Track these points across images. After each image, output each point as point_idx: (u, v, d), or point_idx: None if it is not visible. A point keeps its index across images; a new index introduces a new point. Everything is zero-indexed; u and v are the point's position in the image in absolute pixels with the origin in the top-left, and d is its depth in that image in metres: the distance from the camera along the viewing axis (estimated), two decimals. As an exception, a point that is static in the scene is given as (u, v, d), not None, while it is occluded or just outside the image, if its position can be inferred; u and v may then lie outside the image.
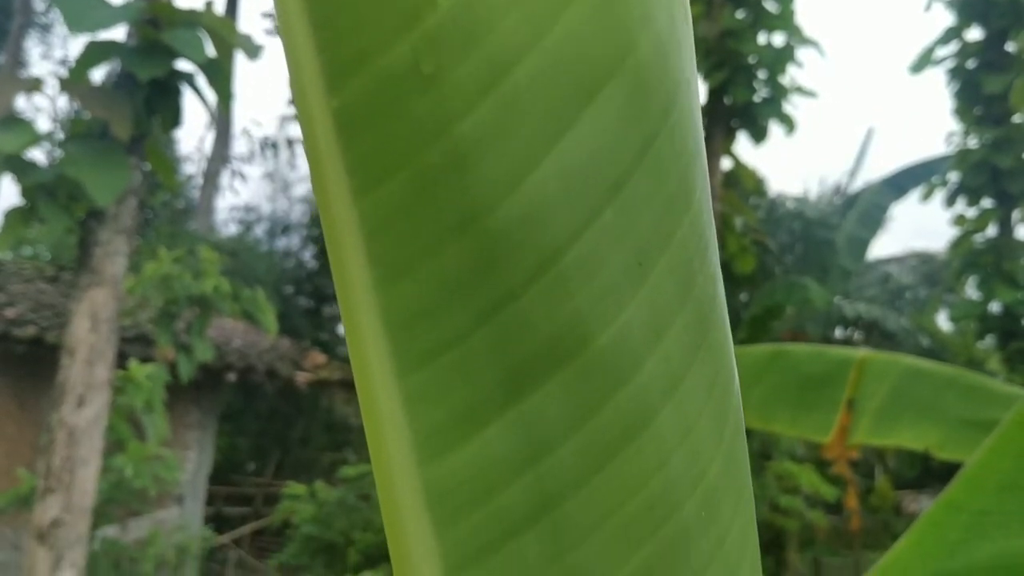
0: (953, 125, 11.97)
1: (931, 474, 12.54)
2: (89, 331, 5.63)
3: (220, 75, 5.79)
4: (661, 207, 0.43)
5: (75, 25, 5.05)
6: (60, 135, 5.87)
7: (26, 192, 5.56)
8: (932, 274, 16.06)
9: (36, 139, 5.50)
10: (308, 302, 14.16)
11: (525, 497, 0.42)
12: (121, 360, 6.47)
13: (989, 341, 11.71)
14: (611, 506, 0.42)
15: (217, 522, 10.08)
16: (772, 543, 9.77)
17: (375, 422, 0.44)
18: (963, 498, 1.30)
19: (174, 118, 5.90)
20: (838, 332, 13.22)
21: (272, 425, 12.96)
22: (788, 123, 9.61)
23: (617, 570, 0.43)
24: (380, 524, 7.44)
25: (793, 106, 9.76)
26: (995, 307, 11.20)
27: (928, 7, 11.28)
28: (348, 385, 10.45)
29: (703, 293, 0.45)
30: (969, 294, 11.83)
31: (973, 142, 10.99)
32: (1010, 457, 1.35)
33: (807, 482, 9.22)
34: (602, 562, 0.43)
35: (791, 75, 9.70)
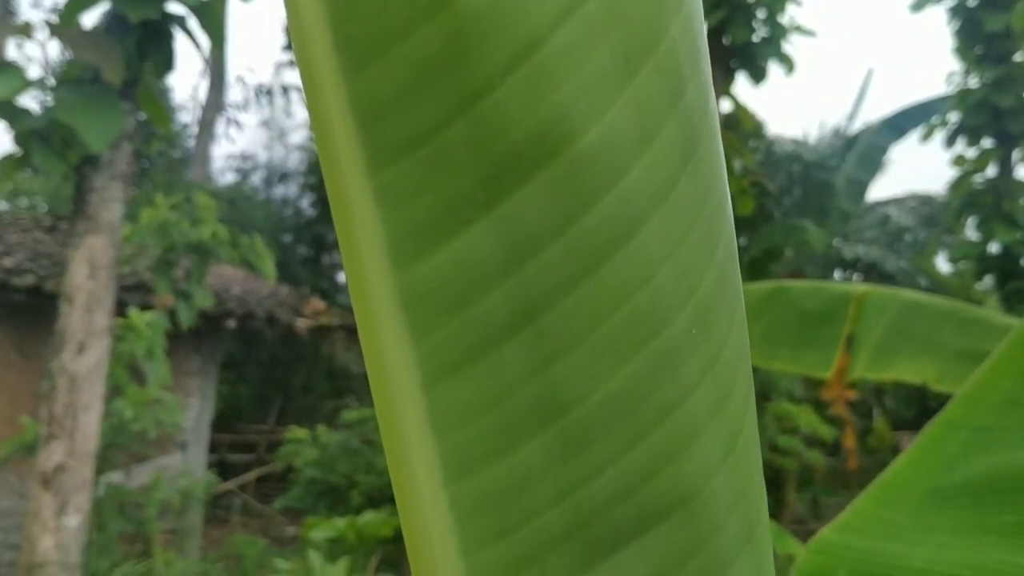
0: (954, 65, 11.86)
1: (929, 414, 12.62)
2: (87, 278, 5.62)
3: (212, 17, 5.71)
4: (650, 5, 0.41)
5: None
6: (51, 82, 5.79)
7: (19, 139, 5.52)
8: (931, 216, 16.02)
9: (27, 85, 5.44)
10: (307, 250, 14.14)
11: (506, 304, 0.41)
12: (120, 308, 6.48)
13: (987, 282, 11.73)
14: (596, 317, 0.41)
15: (221, 469, 10.17)
16: (771, 482, 9.82)
17: (345, 222, 0.42)
18: (962, 416, 1.30)
19: (166, 62, 5.83)
20: (837, 274, 13.24)
21: (274, 373, 13.02)
22: (787, 63, 9.51)
23: (602, 384, 0.41)
24: (382, 467, 7.52)
25: (792, 46, 9.66)
26: (994, 248, 11.20)
27: (930, -56, 11.10)
28: (349, 331, 10.49)
29: (694, 103, 0.43)
30: (968, 235, 11.82)
31: (973, 81, 10.90)
32: (1011, 376, 1.35)
33: (805, 423, 9.30)
34: (587, 375, 0.41)
35: (790, 14, 9.58)
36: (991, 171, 11.18)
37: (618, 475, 0.41)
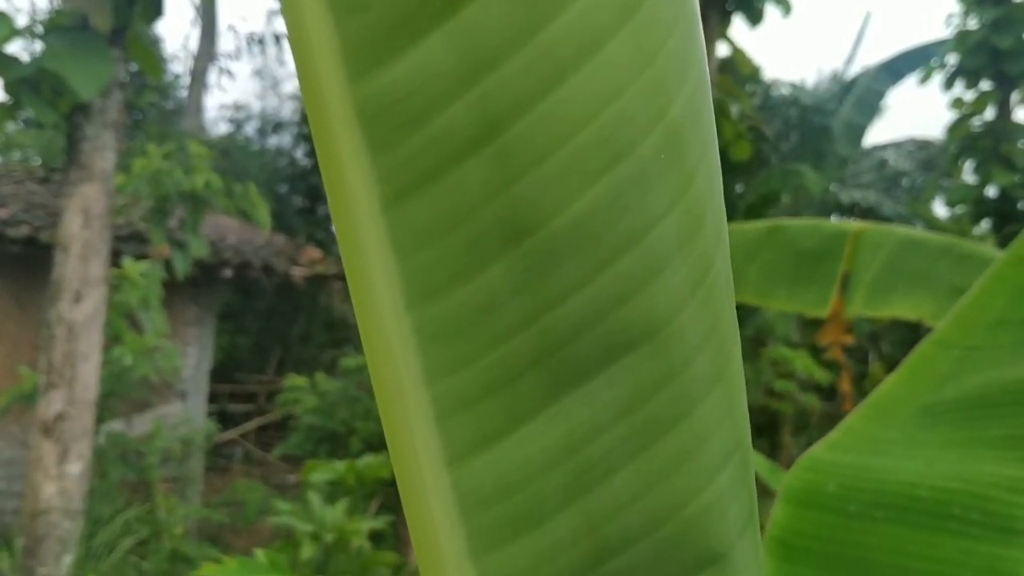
0: (953, 6, 11.73)
1: (924, 358, 12.65)
2: (82, 227, 5.61)
3: (201, -39, 5.63)
4: None
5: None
6: (40, 29, 5.72)
7: (9, 87, 5.47)
8: (929, 160, 15.95)
9: (14, 33, 5.38)
10: (302, 201, 14.07)
11: (466, 119, 0.40)
12: (116, 259, 6.47)
13: (984, 225, 11.72)
14: (560, 135, 0.40)
15: (221, 419, 10.23)
16: (766, 427, 9.96)
17: (299, 32, 0.41)
18: (953, 335, 1.30)
19: (155, 8, 5.76)
20: (834, 219, 13.21)
21: (272, 323, 13.04)
22: (784, 5, 9.42)
23: (567, 206, 0.40)
24: (381, 414, 7.54)
25: (790, -13, 9.53)
26: (991, 191, 11.18)
27: None
28: (344, 279, 10.48)
29: None
30: (965, 179, 11.79)
31: (972, 23, 10.79)
32: (1003, 295, 1.35)
33: (802, 367, 9.34)
34: (551, 196, 0.40)
35: (788, -46, 9.45)
36: (989, 114, 11.12)
37: (585, 302, 0.40)
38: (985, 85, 10.99)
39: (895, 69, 12.10)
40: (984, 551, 0.97)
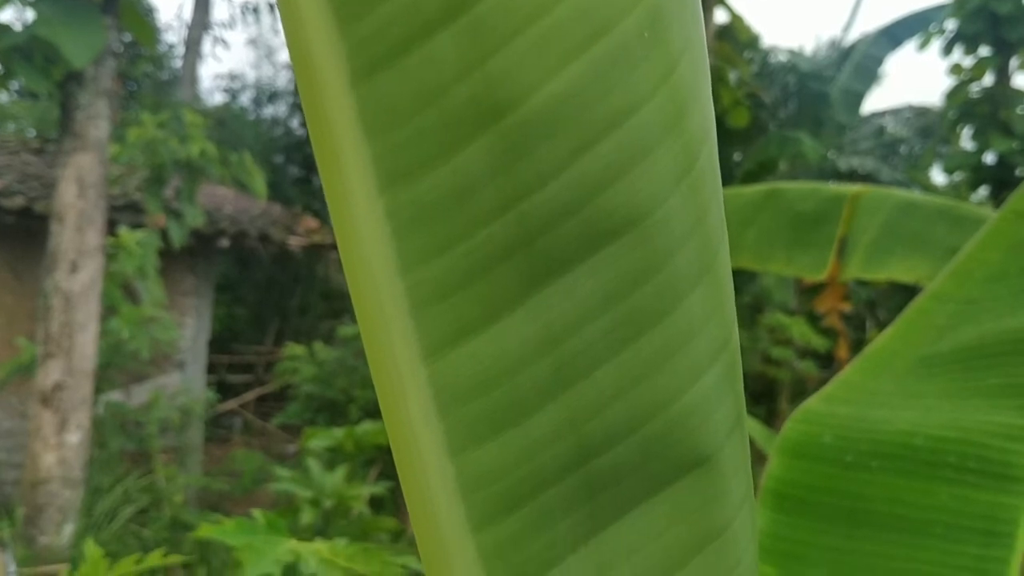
0: (952, -30, 11.62)
1: (921, 325, 12.67)
2: (77, 196, 5.59)
3: (193, -73, 5.57)
4: None
5: None
6: (31, -2, 5.66)
7: (1, 56, 5.43)
8: (927, 127, 15.88)
9: (5, 1, 5.34)
10: (298, 171, 14.03)
11: None
12: (112, 229, 6.45)
13: (982, 192, 11.69)
14: (538, 6, 0.38)
15: (220, 390, 10.25)
16: (764, 393, 10.00)
17: None
18: (950, 289, 1.30)
19: (148, -26, 5.71)
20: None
21: (270, 294, 13.04)
22: (783, -30, 9.34)
23: (545, 84, 0.38)
24: (379, 382, 7.54)
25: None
26: (989, 158, 11.13)
27: None
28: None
29: None
30: (964, 145, 11.75)
31: (972, -13, 10.71)
32: (1000, 249, 1.34)
33: (799, 334, 9.35)
34: (528, 73, 0.38)
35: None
36: (988, 80, 11.06)
37: (564, 186, 0.39)
38: (984, 51, 10.92)
39: (894, 35, 12.03)
40: (980, 498, 0.97)
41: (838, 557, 1.02)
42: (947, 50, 11.11)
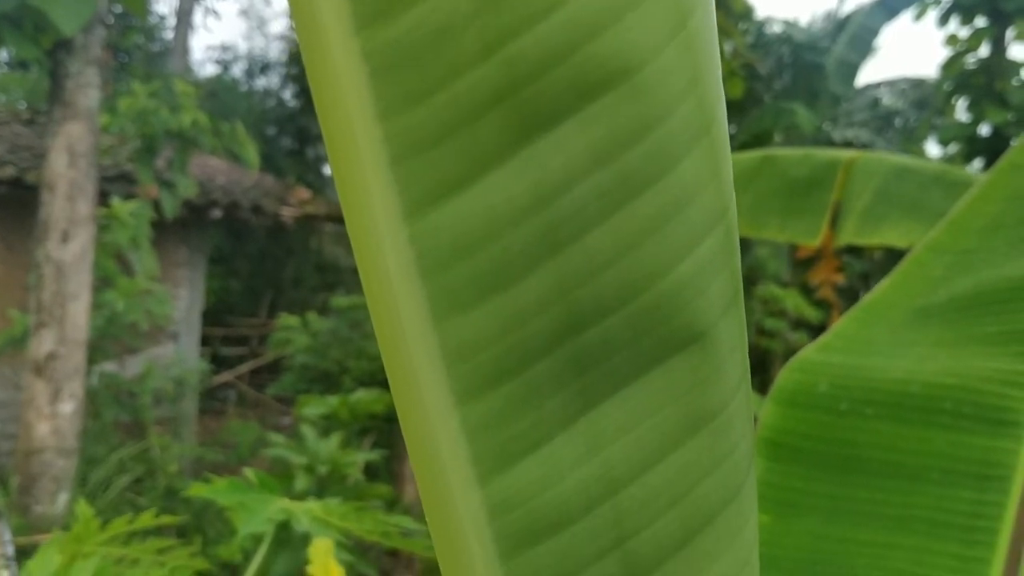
0: (949, -60, 11.54)
1: (915, 297, 12.69)
2: (67, 166, 5.55)
3: None
4: None
5: None
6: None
7: (-10, 23, 5.37)
8: (923, 99, 15.84)
9: (-6, -34, 5.28)
10: (291, 143, 13.96)
11: None
12: (104, 200, 6.41)
13: (977, 164, 11.68)
14: None
15: (214, 362, 10.25)
16: (757, 365, 10.03)
17: None
18: (946, 241, 1.29)
19: (137, -60, 5.65)
20: (826, 158, 13.12)
21: (263, 267, 13.01)
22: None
23: None
24: (374, 352, 7.58)
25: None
26: (984, 129, 11.11)
27: None
28: (336, 221, 10.44)
29: None
30: (959, 117, 11.72)
31: (968, -42, 10.65)
32: (997, 201, 1.33)
33: (792, 305, 9.37)
34: None
35: None
36: (984, 51, 11.01)
37: (553, 29, 0.36)
38: (980, 22, 10.87)
39: (889, 6, 11.96)
40: (975, 443, 0.97)
41: (832, 504, 1.01)
42: (943, 21, 11.05)
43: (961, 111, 11.51)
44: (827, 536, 1.00)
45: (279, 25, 16.44)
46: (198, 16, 17.54)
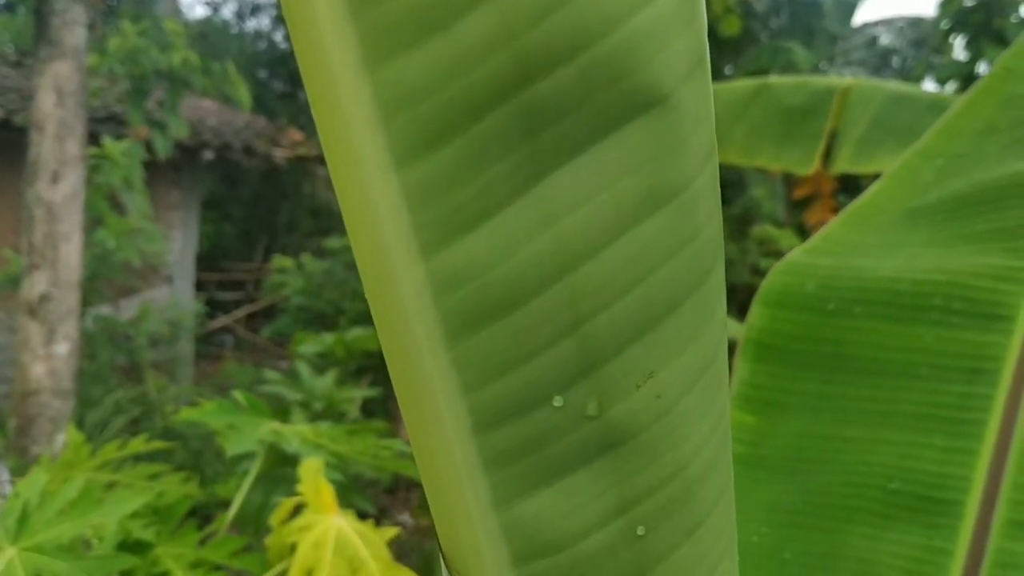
0: None
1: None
2: (55, 105, 5.49)
3: None
4: None
5: None
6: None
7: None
8: (920, 38, 15.67)
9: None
10: (283, 86, 13.80)
11: None
12: (94, 142, 6.35)
13: (975, 103, 11.58)
14: None
15: (210, 307, 10.24)
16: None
17: None
18: (938, 145, 1.27)
19: None
20: (823, 98, 13.02)
21: (257, 211, 12.95)
22: None
23: None
24: (368, 294, 7.54)
25: None
26: (982, 68, 11.00)
27: None
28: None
29: None
30: (956, 56, 11.60)
31: None
32: (989, 106, 1.31)
33: (788, 245, 9.35)
34: None
35: None
36: (983, -13, 10.87)
37: None
38: (979, -43, 10.72)
39: (889, -59, 11.80)
40: (965, 338, 0.96)
41: (818, 403, 1.01)
42: (942, -44, 10.90)
43: (959, 50, 11.39)
44: (812, 434, 0.99)
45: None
46: (187, -43, 17.25)
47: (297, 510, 1.96)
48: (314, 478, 1.89)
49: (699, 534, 0.42)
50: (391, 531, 2.00)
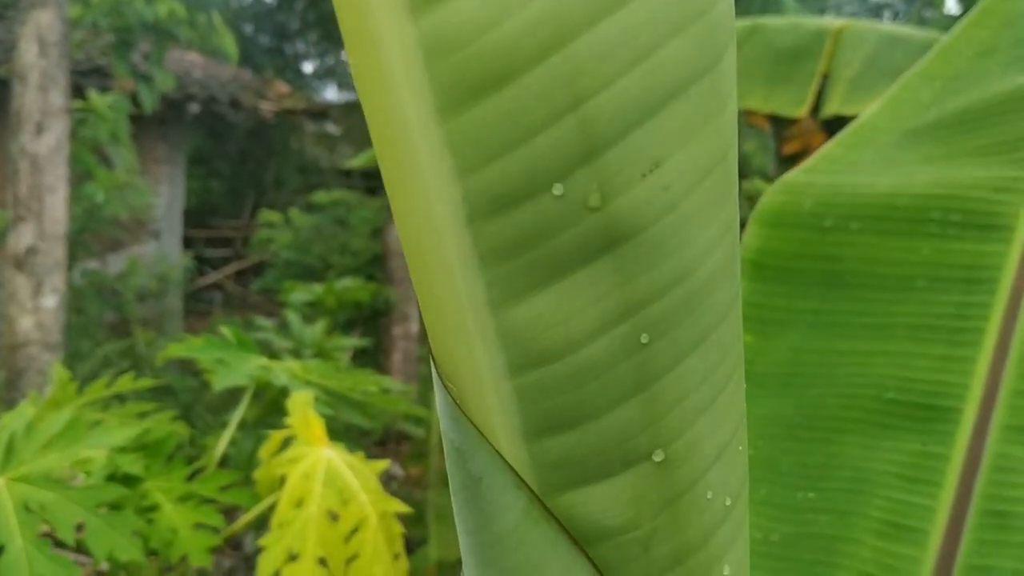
0: None
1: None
2: (38, 56, 5.41)
3: None
4: None
5: None
6: None
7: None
8: (912, -8, 15.59)
9: None
10: (269, 40, 13.65)
11: None
12: (79, 94, 6.27)
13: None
14: None
15: (199, 264, 10.20)
16: (743, 259, 10.06)
17: None
18: (937, 67, 1.25)
19: None
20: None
21: (245, 168, 12.86)
22: None
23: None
24: (357, 247, 7.54)
25: None
26: (974, 20, 10.96)
27: None
28: (314, 116, 10.28)
29: None
30: (949, 10, 11.54)
31: None
32: (989, 27, 1.29)
33: (778, 199, 9.36)
34: None
35: None
36: (977, -63, 10.79)
37: None
38: (974, -94, 10.63)
39: None
40: (963, 249, 0.95)
41: (814, 318, 1.00)
42: (936, -94, 10.80)
43: (951, 3, 11.35)
44: (808, 349, 0.99)
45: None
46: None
47: (286, 443, 1.96)
48: (303, 410, 1.88)
49: (705, 347, 0.40)
50: (382, 463, 2.00)
